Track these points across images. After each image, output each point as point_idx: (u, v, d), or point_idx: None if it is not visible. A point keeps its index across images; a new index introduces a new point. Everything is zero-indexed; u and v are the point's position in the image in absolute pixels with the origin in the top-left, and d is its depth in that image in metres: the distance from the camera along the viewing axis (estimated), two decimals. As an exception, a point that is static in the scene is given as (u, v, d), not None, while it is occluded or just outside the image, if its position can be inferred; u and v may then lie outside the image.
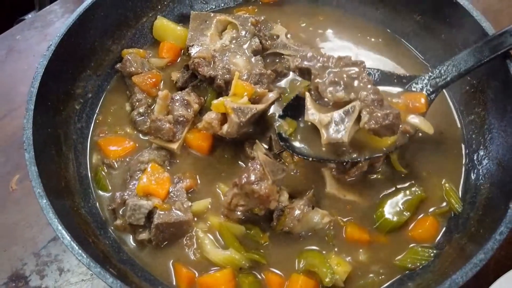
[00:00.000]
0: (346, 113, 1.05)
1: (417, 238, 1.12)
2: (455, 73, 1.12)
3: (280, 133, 1.16)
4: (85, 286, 1.27)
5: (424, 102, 1.14)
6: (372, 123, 1.01)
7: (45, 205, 0.96)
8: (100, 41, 1.39)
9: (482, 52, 1.09)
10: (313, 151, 1.12)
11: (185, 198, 1.16)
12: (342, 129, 1.04)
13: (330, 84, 1.08)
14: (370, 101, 1.03)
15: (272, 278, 1.08)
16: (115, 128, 1.34)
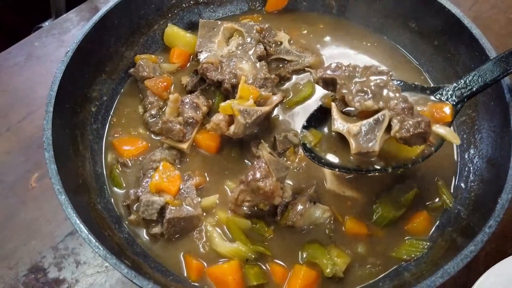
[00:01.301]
0: (376, 122, 0.98)
1: (412, 232, 1.13)
2: (481, 83, 1.06)
3: (305, 143, 1.12)
4: (100, 278, 1.27)
5: (450, 112, 1.07)
6: (404, 132, 0.96)
7: (64, 201, 0.97)
8: (115, 47, 1.40)
9: (508, 62, 1.03)
10: (339, 161, 1.09)
11: (194, 194, 1.16)
12: (372, 138, 0.97)
13: (357, 93, 1.01)
14: (400, 109, 0.97)
15: (276, 269, 1.08)
16: (129, 129, 1.34)
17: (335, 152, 1.09)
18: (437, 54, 1.37)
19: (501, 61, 1.04)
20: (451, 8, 1.27)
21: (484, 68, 1.06)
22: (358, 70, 1.05)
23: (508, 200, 0.93)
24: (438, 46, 1.36)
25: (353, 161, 1.05)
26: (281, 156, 1.25)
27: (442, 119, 1.06)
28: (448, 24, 1.29)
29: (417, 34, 1.42)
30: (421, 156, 1.06)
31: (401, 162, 1.05)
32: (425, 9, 1.36)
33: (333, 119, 1.04)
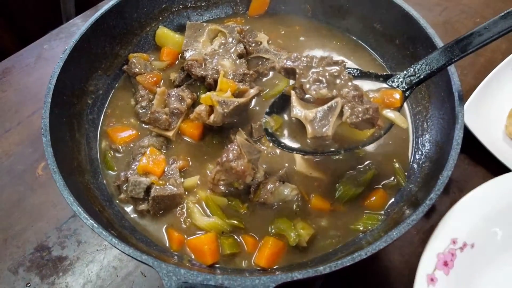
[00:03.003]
0: (329, 108, 1.01)
1: (369, 207, 1.17)
2: (428, 71, 1.08)
3: (267, 128, 1.13)
4: (99, 255, 1.32)
5: (399, 97, 1.09)
6: (354, 117, 0.99)
7: (58, 179, 1.00)
8: (110, 46, 1.44)
9: (453, 51, 1.05)
10: (298, 145, 1.10)
11: (178, 175, 1.20)
12: (326, 123, 1.00)
13: (313, 82, 1.04)
14: (351, 97, 1.01)
15: (248, 240, 1.12)
16: (122, 119, 1.38)
17: (295, 137, 1.10)
18: (398, 52, 1.41)
19: (447, 50, 1.06)
20: (410, 10, 1.30)
21: (431, 57, 1.08)
22: (315, 61, 1.07)
23: (448, 176, 0.96)
24: (399, 45, 1.40)
25: (310, 145, 1.07)
26: (257, 142, 1.28)
27: (392, 104, 1.09)
28: (407, 25, 1.32)
29: (381, 35, 1.46)
30: (371, 138, 1.08)
31: (353, 144, 1.08)
32: (388, 13, 1.39)
33: (292, 106, 1.06)
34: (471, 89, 1.57)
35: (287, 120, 1.13)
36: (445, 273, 0.99)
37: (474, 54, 1.87)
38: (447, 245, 1.01)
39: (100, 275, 1.29)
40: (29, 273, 1.28)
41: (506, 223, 1.06)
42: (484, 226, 1.04)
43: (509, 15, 1.00)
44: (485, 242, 1.03)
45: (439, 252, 1.00)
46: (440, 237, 1.01)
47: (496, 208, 1.06)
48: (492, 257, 1.05)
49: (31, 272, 1.28)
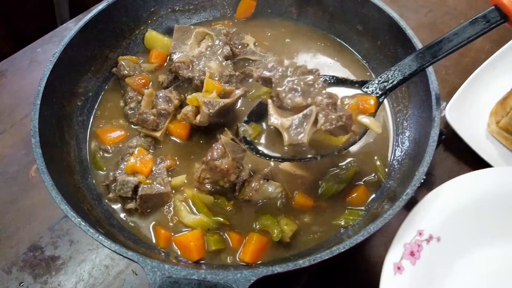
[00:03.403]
0: (304, 116, 1.02)
1: (351, 203, 1.18)
2: (400, 77, 1.10)
3: (245, 136, 1.13)
4: (91, 254, 1.32)
5: (373, 103, 1.10)
6: (328, 125, 1.00)
7: (46, 179, 1.01)
8: (99, 49, 1.45)
9: (424, 57, 1.07)
10: (276, 152, 1.10)
11: (165, 175, 1.21)
12: (302, 131, 1.02)
13: (289, 91, 1.05)
14: (325, 105, 1.02)
15: (233, 236, 1.14)
16: (111, 120, 1.39)
17: (273, 144, 1.11)
18: (380, 52, 1.43)
19: (418, 56, 1.08)
20: (390, 12, 1.32)
21: (403, 63, 1.10)
22: (290, 70, 1.08)
23: (424, 172, 0.99)
24: (380, 46, 1.42)
25: (288, 152, 1.08)
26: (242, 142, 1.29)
27: (366, 110, 1.10)
28: (387, 26, 1.34)
29: (363, 36, 1.48)
30: (346, 144, 1.10)
31: (329, 150, 1.09)
32: (370, 15, 1.41)
33: (269, 114, 1.07)
34: (455, 88, 1.59)
35: (265, 128, 1.14)
36: (411, 263, 1.01)
37: (459, 55, 1.91)
38: (414, 236, 1.03)
39: (92, 274, 1.30)
40: (22, 272, 1.29)
41: (474, 218, 1.08)
42: (451, 220, 1.06)
43: (477, 21, 1.03)
44: (452, 236, 1.05)
45: (406, 243, 1.02)
46: (407, 228, 1.03)
47: (464, 203, 1.08)
48: (459, 251, 1.07)
49: (24, 272, 1.29)
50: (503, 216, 1.12)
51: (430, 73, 1.16)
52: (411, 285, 0.99)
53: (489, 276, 1.09)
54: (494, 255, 1.11)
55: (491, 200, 1.11)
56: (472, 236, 1.09)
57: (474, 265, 1.08)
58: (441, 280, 1.05)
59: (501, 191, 1.13)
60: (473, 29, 1.01)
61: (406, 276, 1.00)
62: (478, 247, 1.10)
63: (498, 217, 1.12)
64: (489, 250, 1.11)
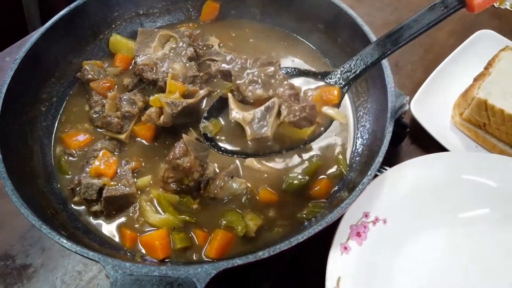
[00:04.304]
0: (267, 109, 0.99)
1: (315, 196, 1.21)
2: (363, 66, 1.07)
3: (206, 133, 1.08)
4: (63, 261, 1.31)
5: (337, 94, 1.08)
6: (291, 116, 0.97)
7: (7, 184, 1.02)
8: (62, 55, 1.44)
9: (385, 45, 1.05)
10: (239, 148, 1.06)
11: (130, 176, 1.21)
12: (265, 124, 0.98)
13: (249, 83, 1.02)
14: (287, 96, 0.98)
15: (199, 234, 1.14)
16: (76, 125, 1.38)
17: (235, 140, 1.07)
18: (340, 49, 1.46)
19: (379, 45, 1.06)
20: (347, 10, 1.36)
21: (365, 52, 1.08)
22: (250, 62, 1.05)
23: (379, 162, 1.01)
24: (341, 43, 1.45)
25: (252, 147, 1.04)
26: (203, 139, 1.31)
27: (330, 101, 1.08)
28: (346, 24, 1.38)
29: (324, 34, 1.51)
30: (312, 136, 1.07)
31: (294, 143, 1.05)
32: (329, 13, 1.44)
33: (230, 108, 1.04)
34: (420, 83, 1.63)
35: (226, 123, 1.10)
36: (358, 244, 1.04)
37: (423, 50, 1.96)
38: (360, 218, 1.06)
39: (64, 280, 1.29)
40: (-6, 282, 1.27)
41: (420, 202, 1.11)
42: (398, 203, 1.09)
43: (435, 7, 1.01)
44: (399, 218, 1.08)
45: (352, 224, 1.05)
46: (354, 210, 1.06)
47: (410, 186, 1.12)
48: (406, 233, 1.10)
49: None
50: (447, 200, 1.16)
51: (385, 67, 1.19)
52: (358, 265, 1.02)
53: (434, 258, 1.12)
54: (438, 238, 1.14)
55: (436, 184, 1.14)
56: (419, 219, 1.12)
57: (420, 247, 1.12)
58: (389, 261, 1.08)
59: (445, 175, 1.17)
60: (432, 15, 1.00)
61: (352, 256, 1.03)
62: (424, 229, 1.14)
63: (442, 200, 1.16)
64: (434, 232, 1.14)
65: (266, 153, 1.04)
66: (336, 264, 1.01)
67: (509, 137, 1.50)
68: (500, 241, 1.14)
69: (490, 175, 1.17)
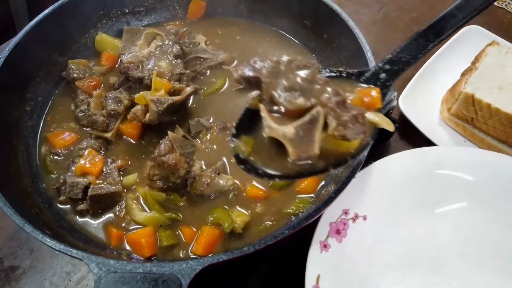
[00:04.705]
0: (310, 121, 0.80)
1: (302, 191, 1.20)
2: (402, 63, 0.92)
3: (238, 155, 0.87)
4: (50, 261, 1.30)
5: (378, 96, 0.89)
6: (341, 128, 0.79)
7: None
8: (47, 54, 1.43)
9: (427, 37, 0.91)
10: (279, 170, 0.85)
11: (116, 174, 1.21)
12: (310, 140, 0.80)
13: (285, 91, 0.81)
14: (333, 104, 0.80)
15: (186, 231, 1.14)
16: (62, 124, 1.38)
17: (272, 160, 0.86)
18: (327, 45, 1.46)
19: (420, 37, 0.92)
20: (333, 6, 1.36)
21: (403, 47, 0.93)
22: (282, 65, 0.87)
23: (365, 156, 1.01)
24: (327, 39, 1.45)
25: (293, 167, 0.84)
26: (195, 138, 1.30)
27: (372, 106, 0.89)
28: (331, 20, 1.37)
29: (310, 30, 1.51)
30: (359, 148, 0.87)
31: (341, 158, 0.86)
32: (315, 10, 1.44)
33: (265, 123, 0.84)
34: (409, 79, 1.64)
35: (260, 140, 0.89)
36: (337, 241, 1.04)
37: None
38: (339, 215, 1.06)
39: (53, 281, 1.28)
40: (-19, 285, 1.25)
41: (400, 197, 1.11)
42: (377, 199, 1.09)
43: None
44: (378, 214, 1.08)
45: (331, 221, 1.05)
46: (333, 207, 1.04)
47: (390, 183, 1.12)
48: (386, 230, 1.10)
49: (-17, 285, 1.26)
50: (425, 194, 1.16)
51: (370, 61, 1.20)
52: (338, 262, 1.02)
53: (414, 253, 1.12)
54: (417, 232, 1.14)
55: (414, 179, 1.14)
56: (398, 214, 1.12)
57: (400, 242, 1.12)
58: (369, 258, 1.08)
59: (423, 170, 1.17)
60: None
61: (332, 253, 1.02)
62: (403, 224, 1.14)
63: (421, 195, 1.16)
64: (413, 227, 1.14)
65: (311, 173, 0.85)
66: (316, 262, 1.00)
67: (497, 131, 1.50)
68: (478, 233, 1.15)
69: (467, 169, 1.18)
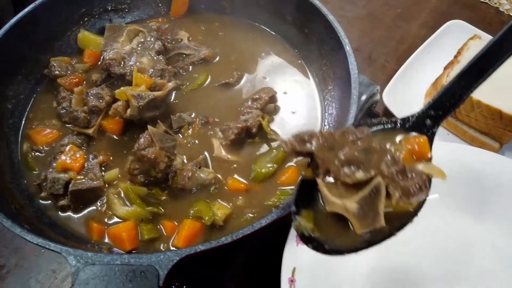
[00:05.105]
0: (372, 193, 0.78)
1: (283, 183, 1.21)
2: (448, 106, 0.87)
3: (303, 233, 0.83)
4: (36, 259, 1.31)
5: (426, 144, 0.85)
6: (405, 199, 0.78)
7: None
8: (29, 52, 1.43)
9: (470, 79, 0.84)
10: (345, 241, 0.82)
11: (97, 170, 1.21)
12: (375, 212, 0.78)
13: (343, 164, 0.80)
14: (394, 174, 0.79)
15: (167, 224, 1.14)
16: (44, 121, 1.37)
17: (337, 232, 0.83)
18: (308, 40, 1.47)
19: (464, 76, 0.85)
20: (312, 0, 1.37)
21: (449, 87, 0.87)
22: (336, 137, 0.84)
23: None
24: (307, 34, 1.46)
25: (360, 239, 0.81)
26: (177, 133, 1.31)
27: (422, 156, 0.85)
28: (311, 14, 1.39)
29: (292, 25, 1.52)
30: (418, 205, 0.83)
31: (403, 220, 0.82)
32: (295, 4, 1.46)
33: (325, 198, 0.82)
34: (393, 74, 1.66)
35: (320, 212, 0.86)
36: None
37: (396, 42, 1.98)
38: None
39: (38, 279, 1.29)
40: (-34, 285, 1.26)
41: None
42: None
43: None
44: None
45: None
46: None
47: None
48: None
49: (-32, 285, 1.26)
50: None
51: (349, 55, 1.21)
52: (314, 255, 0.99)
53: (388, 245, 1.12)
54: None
55: None
56: None
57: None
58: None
59: None
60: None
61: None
62: None
63: None
64: None
65: (378, 240, 0.81)
66: (292, 255, 1.01)
67: (479, 124, 1.53)
68: (450, 226, 1.17)
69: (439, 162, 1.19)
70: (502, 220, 1.15)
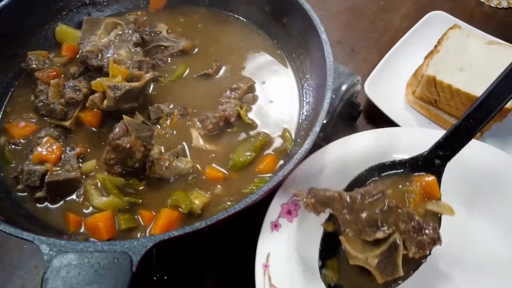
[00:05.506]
0: (391, 249, 0.87)
1: (261, 171, 1.22)
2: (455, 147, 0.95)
3: (330, 284, 0.93)
4: (18, 256, 1.32)
5: (435, 183, 0.94)
6: (421, 252, 0.88)
7: None
8: (6, 47, 1.42)
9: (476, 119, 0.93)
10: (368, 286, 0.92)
11: (74, 161, 1.21)
12: (394, 265, 0.87)
13: (364, 225, 0.89)
14: (411, 230, 0.88)
15: (144, 214, 1.15)
16: (22, 115, 1.37)
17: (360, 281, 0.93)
18: (286, 31, 1.47)
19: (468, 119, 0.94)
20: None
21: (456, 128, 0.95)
22: (357, 201, 0.92)
23: (316, 132, 1.04)
24: (285, 24, 1.47)
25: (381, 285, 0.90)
26: (156, 124, 1.31)
27: (431, 195, 0.94)
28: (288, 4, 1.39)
29: (270, 16, 1.53)
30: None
31: (418, 261, 0.92)
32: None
33: (348, 254, 0.90)
34: (375, 65, 1.67)
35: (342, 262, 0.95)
36: (288, 221, 1.06)
37: (378, 34, 2.00)
38: (291, 197, 1.08)
39: (21, 275, 1.28)
40: None
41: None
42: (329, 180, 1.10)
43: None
44: None
45: (283, 203, 1.07)
46: (285, 189, 1.08)
47: (342, 163, 1.14)
48: None
49: None
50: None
51: (325, 43, 1.22)
52: (288, 241, 1.03)
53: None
54: None
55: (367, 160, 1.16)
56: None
57: None
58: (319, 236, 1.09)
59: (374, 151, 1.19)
60: None
61: (283, 233, 1.05)
62: None
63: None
64: None
65: (398, 282, 0.91)
66: (266, 241, 1.02)
67: (459, 112, 1.54)
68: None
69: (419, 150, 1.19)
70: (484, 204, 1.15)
